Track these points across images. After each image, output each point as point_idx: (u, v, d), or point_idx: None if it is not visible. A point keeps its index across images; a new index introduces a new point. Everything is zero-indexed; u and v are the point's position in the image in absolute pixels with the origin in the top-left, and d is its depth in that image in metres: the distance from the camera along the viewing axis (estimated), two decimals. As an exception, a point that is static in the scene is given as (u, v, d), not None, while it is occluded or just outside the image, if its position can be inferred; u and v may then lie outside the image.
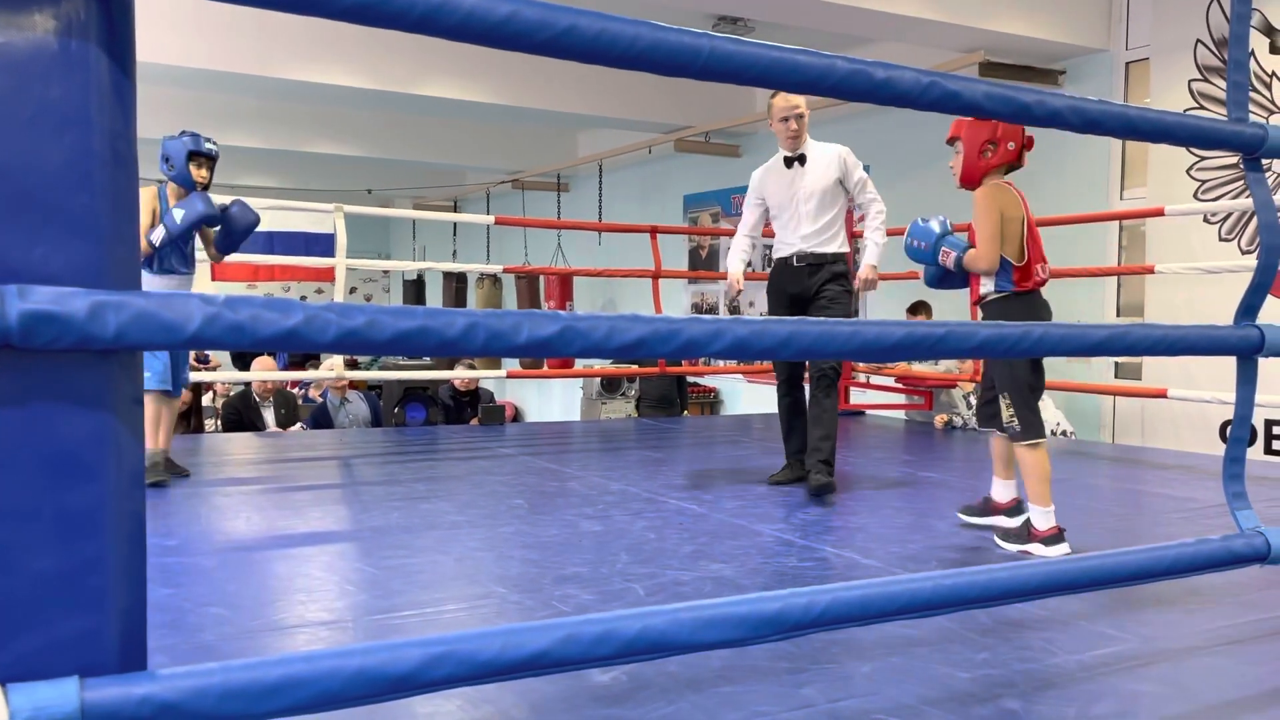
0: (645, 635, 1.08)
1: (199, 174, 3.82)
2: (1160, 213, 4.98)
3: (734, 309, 9.19)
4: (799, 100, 3.94)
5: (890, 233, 4.05)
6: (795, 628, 1.16)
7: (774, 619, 1.15)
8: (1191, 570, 1.52)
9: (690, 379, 9.31)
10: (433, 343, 0.99)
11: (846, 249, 4.08)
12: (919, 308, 6.93)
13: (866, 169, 4.06)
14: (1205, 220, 5.58)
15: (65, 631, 0.88)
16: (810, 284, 3.97)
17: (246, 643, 2.14)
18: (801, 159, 3.99)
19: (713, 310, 9.92)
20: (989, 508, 3.26)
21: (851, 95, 1.21)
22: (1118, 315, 6.30)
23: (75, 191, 0.88)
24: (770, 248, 4.23)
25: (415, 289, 14.48)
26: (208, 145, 3.86)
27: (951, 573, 1.32)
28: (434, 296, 14.33)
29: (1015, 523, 3.09)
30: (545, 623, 1.06)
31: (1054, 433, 5.69)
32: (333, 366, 5.70)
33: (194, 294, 0.92)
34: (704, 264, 9.88)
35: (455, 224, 13.26)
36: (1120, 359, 6.11)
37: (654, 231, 6.39)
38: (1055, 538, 2.92)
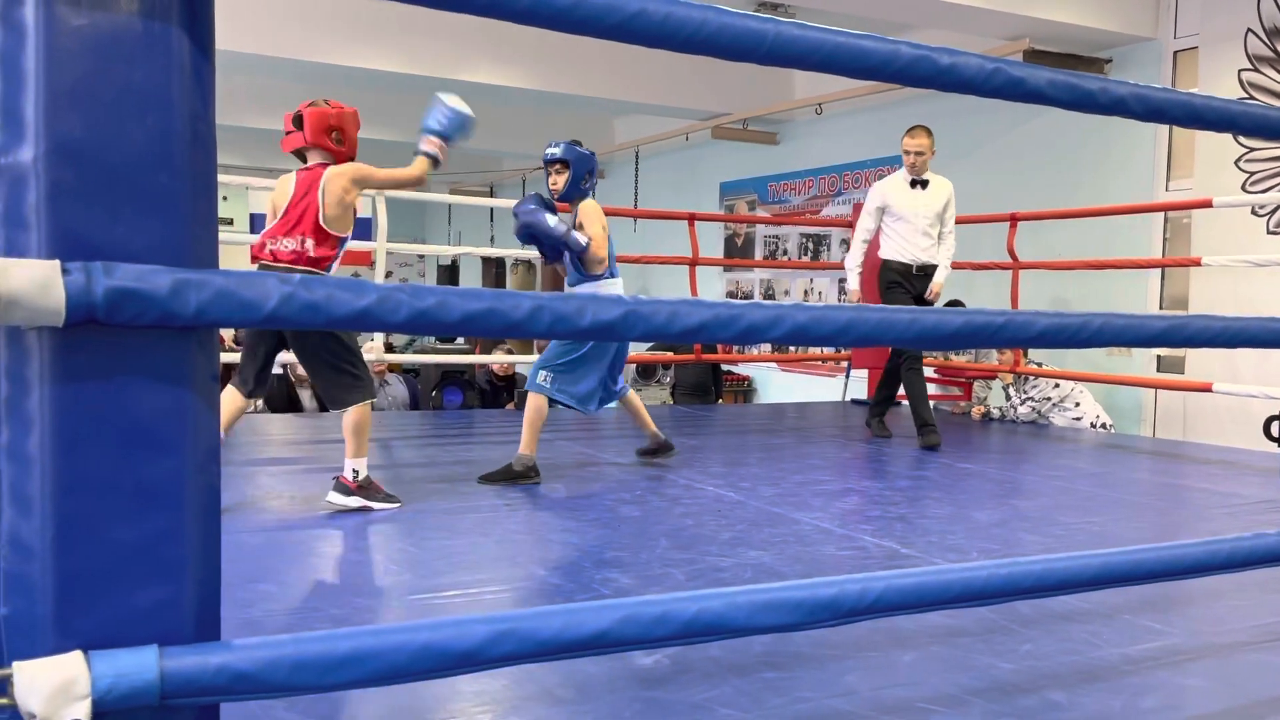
0: (702, 617, 1.09)
1: (549, 181, 3.79)
2: (1209, 204, 4.90)
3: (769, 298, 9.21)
4: (913, 144, 4.95)
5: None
6: (850, 613, 1.17)
7: (829, 604, 1.15)
8: (1247, 565, 1.50)
9: (724, 367, 9.29)
10: (499, 324, 1.00)
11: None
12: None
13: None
14: (1253, 212, 5.48)
15: (144, 601, 0.90)
16: (922, 287, 4.99)
17: (294, 619, 2.18)
18: (924, 183, 4.97)
19: (748, 298, 9.90)
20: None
21: (915, 81, 1.21)
22: (1160, 308, 6.21)
23: (156, 171, 0.90)
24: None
25: (449, 274, 14.53)
26: (548, 151, 3.80)
27: (1005, 562, 1.32)
28: (469, 281, 14.37)
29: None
30: (604, 603, 1.07)
31: (1093, 425, 5.63)
32: (371, 349, 5.74)
33: (272, 273, 0.93)
34: (739, 251, 9.84)
35: (491, 209, 13.30)
36: (1163, 351, 6.03)
37: (692, 219, 6.35)
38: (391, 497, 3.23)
